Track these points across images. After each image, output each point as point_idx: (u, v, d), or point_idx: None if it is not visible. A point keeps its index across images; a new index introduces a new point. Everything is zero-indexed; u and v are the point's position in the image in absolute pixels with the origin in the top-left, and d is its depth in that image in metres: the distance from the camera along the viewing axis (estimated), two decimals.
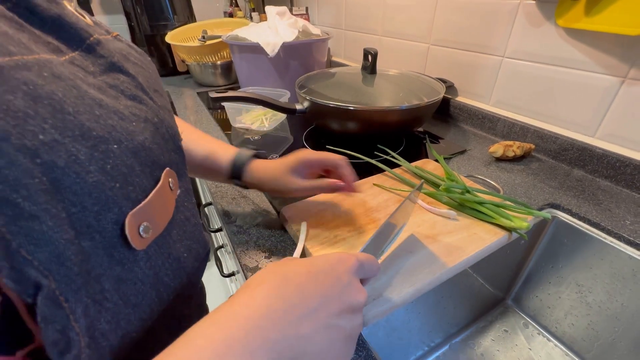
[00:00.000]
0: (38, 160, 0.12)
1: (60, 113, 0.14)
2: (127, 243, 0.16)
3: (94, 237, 0.15)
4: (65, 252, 0.13)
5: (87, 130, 0.15)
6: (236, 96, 0.61)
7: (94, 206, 0.14)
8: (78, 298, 0.14)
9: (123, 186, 0.16)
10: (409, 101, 0.63)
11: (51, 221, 0.13)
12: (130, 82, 0.20)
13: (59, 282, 0.13)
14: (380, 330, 0.46)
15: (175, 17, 1.20)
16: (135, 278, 0.17)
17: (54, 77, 0.14)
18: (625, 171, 0.53)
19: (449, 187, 0.48)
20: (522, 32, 0.64)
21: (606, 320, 0.50)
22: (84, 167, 0.14)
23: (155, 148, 0.19)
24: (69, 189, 0.14)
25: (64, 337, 0.13)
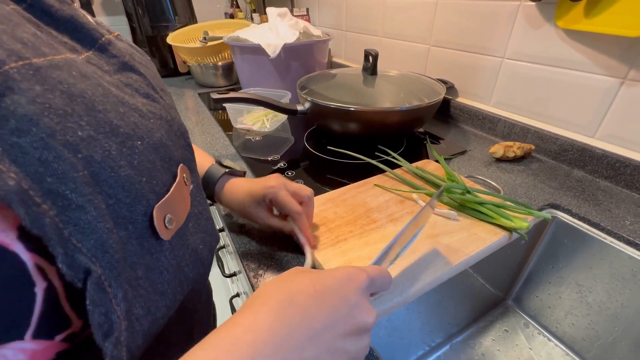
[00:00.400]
0: (79, 155, 0.13)
1: (92, 111, 0.15)
2: (155, 233, 0.17)
3: (128, 227, 0.16)
4: (108, 240, 0.14)
5: (116, 127, 0.16)
6: (238, 97, 0.61)
7: (126, 198, 0.15)
8: (119, 283, 0.14)
9: (149, 180, 0.17)
10: (409, 102, 0.63)
11: (95, 211, 0.14)
12: (142, 81, 0.21)
13: (103, 267, 0.14)
14: (381, 329, 0.46)
15: (176, 18, 1.21)
16: (162, 267, 0.18)
17: (82, 76, 0.15)
18: (625, 171, 0.53)
19: (449, 187, 0.48)
20: (522, 34, 0.64)
21: (606, 320, 0.50)
22: (117, 162, 0.15)
23: (171, 145, 0.20)
24: (106, 182, 0.14)
25: (107, 320, 0.14)
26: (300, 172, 0.61)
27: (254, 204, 0.39)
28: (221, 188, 0.41)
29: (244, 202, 0.39)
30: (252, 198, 0.39)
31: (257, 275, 0.39)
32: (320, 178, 0.59)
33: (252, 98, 0.62)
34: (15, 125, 0.11)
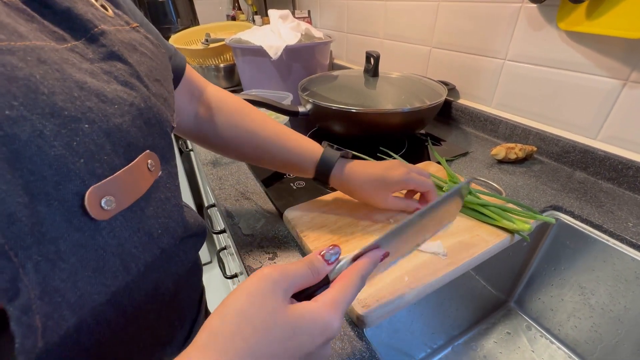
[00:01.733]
0: (0, 133, 0.14)
1: (33, 93, 0.16)
2: (87, 213, 0.18)
3: (52, 204, 0.16)
4: (16, 213, 0.15)
5: (59, 110, 0.16)
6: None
7: (53, 177, 0.16)
8: (28, 255, 0.15)
9: (88, 162, 0.17)
10: (411, 104, 0.63)
11: (5, 185, 0.14)
12: (126, 69, 0.22)
13: (8, 238, 0.14)
14: (382, 332, 0.46)
15: (178, 21, 1.22)
16: (97, 245, 0.19)
17: (38, 62, 0.16)
18: (628, 173, 0.53)
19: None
20: (524, 35, 0.64)
21: (609, 323, 0.50)
22: (48, 142, 0.16)
23: (134, 132, 0.20)
24: (29, 159, 0.15)
25: (13, 286, 0.15)
26: None
27: (381, 188, 0.41)
28: (340, 172, 0.42)
29: (369, 187, 0.42)
30: (383, 184, 0.41)
31: None
32: None
33: (254, 100, 0.62)
34: None
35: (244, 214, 0.50)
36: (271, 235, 0.46)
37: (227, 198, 0.54)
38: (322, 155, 0.43)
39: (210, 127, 0.42)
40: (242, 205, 0.52)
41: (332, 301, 0.21)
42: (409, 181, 0.41)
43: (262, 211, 0.51)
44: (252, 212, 0.50)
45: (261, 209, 0.51)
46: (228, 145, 0.44)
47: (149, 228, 0.22)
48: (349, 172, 0.42)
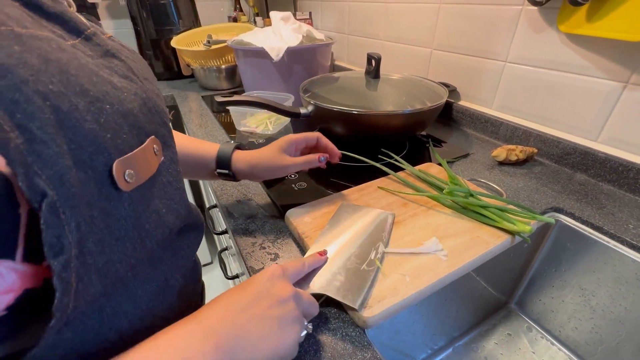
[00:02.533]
0: (48, 103, 0.16)
1: (65, 73, 0.17)
2: (114, 183, 0.19)
3: (87, 171, 0.18)
4: (66, 175, 0.16)
5: (86, 90, 0.18)
6: (241, 100, 0.62)
7: (89, 147, 0.18)
8: (73, 214, 0.17)
9: (113, 138, 0.19)
10: (412, 105, 0.63)
11: (57, 148, 0.16)
12: (123, 65, 0.24)
13: (59, 196, 0.16)
14: (383, 333, 0.46)
15: (180, 22, 1.22)
16: (119, 215, 0.20)
17: (60, 49, 0.18)
18: (628, 175, 0.53)
19: (452, 190, 0.48)
20: (524, 38, 0.64)
21: (610, 324, 0.50)
22: (82, 116, 0.18)
23: (142, 117, 0.22)
24: (70, 129, 0.17)
25: (59, 243, 0.16)
26: (303, 174, 0.61)
27: (278, 153, 0.45)
28: (238, 156, 0.45)
29: (268, 156, 0.45)
30: (275, 148, 0.45)
31: None
32: (323, 181, 0.59)
33: (256, 101, 0.62)
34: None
35: (246, 215, 0.50)
36: (273, 236, 0.46)
37: (229, 199, 0.54)
38: (220, 148, 0.45)
39: None
40: (244, 206, 0.52)
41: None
42: (297, 137, 0.46)
43: (264, 212, 0.51)
44: (254, 213, 0.50)
45: (263, 210, 0.51)
46: None
47: (156, 207, 0.24)
48: (244, 155, 0.45)
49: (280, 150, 0.45)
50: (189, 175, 0.49)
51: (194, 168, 0.47)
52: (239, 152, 0.46)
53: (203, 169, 0.47)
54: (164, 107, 0.27)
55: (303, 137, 0.47)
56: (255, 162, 0.45)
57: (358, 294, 0.34)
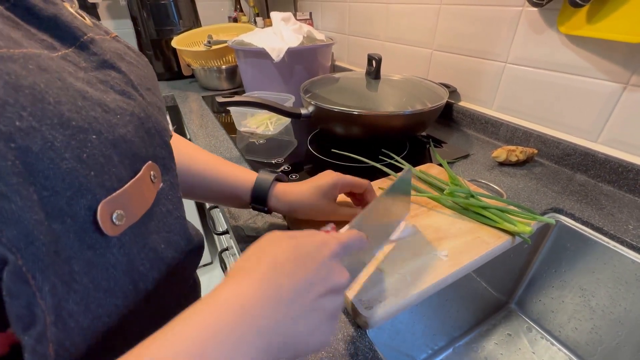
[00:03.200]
0: (12, 145, 0.13)
1: (40, 102, 0.15)
2: (99, 229, 0.17)
3: (65, 220, 0.15)
4: (34, 231, 0.14)
5: (67, 120, 0.15)
6: (242, 101, 0.62)
7: (66, 191, 0.15)
8: (45, 277, 0.14)
9: (99, 175, 0.17)
10: (412, 106, 0.64)
11: (21, 202, 0.13)
12: (121, 78, 0.21)
13: (26, 259, 0.13)
14: (384, 333, 0.47)
15: (180, 22, 1.22)
16: (107, 263, 0.18)
17: (39, 70, 0.15)
18: (628, 176, 0.54)
19: (453, 191, 0.48)
20: (525, 39, 0.65)
21: (610, 325, 0.50)
22: (59, 154, 0.15)
23: (137, 141, 0.20)
24: (42, 173, 0.14)
25: (28, 313, 0.14)
26: (304, 175, 0.61)
27: (321, 197, 0.40)
28: (277, 192, 0.41)
29: (310, 198, 0.40)
30: (318, 190, 0.40)
31: None
32: None
33: (256, 102, 0.62)
34: None
35: (247, 215, 0.50)
36: None
37: None
38: (257, 180, 0.41)
39: None
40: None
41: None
42: (343, 181, 0.41)
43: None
44: (255, 213, 0.51)
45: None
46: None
47: (153, 243, 0.22)
48: (284, 192, 0.41)
49: (323, 195, 0.41)
50: (213, 202, 0.45)
51: (223, 198, 0.43)
52: (278, 186, 0.41)
53: (234, 200, 0.42)
54: (165, 124, 0.24)
55: (350, 182, 0.42)
56: (297, 206, 0.41)
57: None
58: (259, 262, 0.21)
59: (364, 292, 0.36)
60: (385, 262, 0.40)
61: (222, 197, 0.42)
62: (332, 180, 0.41)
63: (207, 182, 0.41)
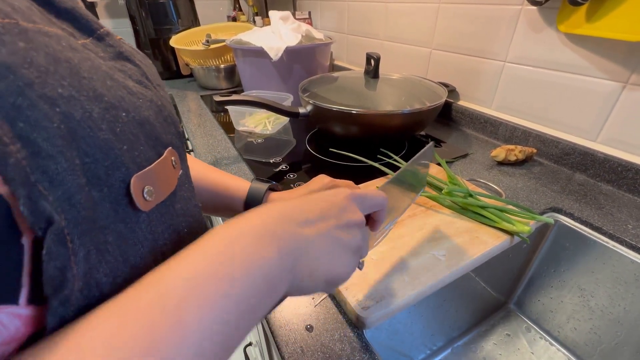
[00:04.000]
0: (57, 109, 0.14)
1: (76, 75, 0.15)
2: (132, 202, 0.17)
3: (103, 189, 0.16)
4: (76, 195, 0.14)
5: (100, 95, 0.16)
6: (240, 100, 0.62)
7: (104, 161, 0.16)
8: (82, 242, 0.14)
9: (130, 150, 0.17)
10: (411, 105, 0.63)
11: (66, 164, 0.14)
12: (137, 70, 0.21)
13: (68, 221, 0.14)
14: (382, 333, 0.46)
15: (179, 21, 1.22)
16: (136, 239, 0.18)
17: (71, 48, 0.16)
18: (627, 175, 0.53)
19: (451, 190, 0.48)
20: (524, 38, 0.64)
21: (609, 325, 0.50)
22: (97, 124, 0.15)
23: (158, 126, 0.20)
24: (83, 140, 0.15)
25: (60, 275, 0.14)
26: (302, 174, 0.61)
27: None
28: (272, 199, 0.40)
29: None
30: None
31: None
32: None
33: (255, 101, 0.62)
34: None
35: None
36: None
37: None
38: (250, 189, 0.40)
39: None
40: None
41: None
42: (334, 184, 0.40)
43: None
44: None
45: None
46: None
47: (177, 226, 0.22)
48: (285, 197, 0.40)
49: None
50: (207, 212, 0.43)
51: (214, 208, 0.41)
52: (272, 195, 0.41)
53: (226, 210, 0.41)
54: (176, 116, 0.25)
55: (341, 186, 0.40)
56: None
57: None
58: (272, 205, 0.23)
59: (361, 292, 0.36)
60: (383, 261, 0.39)
61: (213, 207, 0.41)
62: (324, 185, 0.40)
63: (200, 192, 0.39)
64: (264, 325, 0.38)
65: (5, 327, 0.13)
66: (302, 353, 0.32)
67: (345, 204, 0.25)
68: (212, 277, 0.17)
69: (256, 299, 0.18)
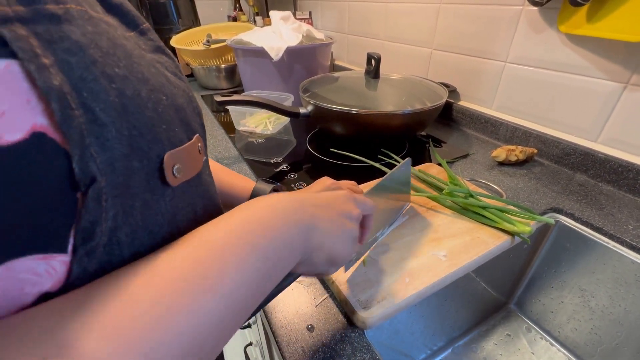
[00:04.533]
0: (114, 85, 0.16)
1: (129, 59, 0.18)
2: (163, 176, 0.19)
3: (142, 160, 0.17)
4: (119, 161, 0.16)
5: (146, 78, 0.18)
6: (241, 100, 0.62)
7: (147, 135, 0.17)
8: (114, 203, 0.16)
9: (167, 130, 0.19)
10: (412, 105, 0.63)
11: (116, 133, 0.16)
12: (172, 63, 0.24)
13: (107, 183, 0.15)
14: (383, 333, 0.46)
15: (180, 21, 1.22)
16: (158, 210, 0.20)
17: (123, 37, 0.18)
18: (628, 176, 0.53)
19: (452, 191, 0.48)
20: (525, 38, 0.64)
21: (609, 325, 0.50)
22: (144, 103, 0.17)
23: (190, 114, 0.23)
24: (132, 115, 0.17)
25: (91, 228, 0.15)
26: (303, 174, 0.61)
27: None
28: None
29: None
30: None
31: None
32: None
33: (255, 101, 0.62)
34: (67, 46, 0.14)
35: None
36: None
37: None
38: (254, 189, 0.41)
39: None
40: None
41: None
42: (337, 186, 0.39)
43: None
44: None
45: None
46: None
47: (196, 204, 0.24)
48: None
49: None
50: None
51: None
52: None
53: (227, 207, 0.42)
54: (201, 109, 0.27)
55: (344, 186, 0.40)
56: None
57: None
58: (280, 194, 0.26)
59: (362, 292, 0.36)
60: (384, 261, 0.39)
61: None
62: (327, 187, 0.39)
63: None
64: (265, 325, 0.38)
65: (57, 272, 0.15)
66: (303, 353, 0.32)
67: (346, 200, 0.29)
68: (247, 233, 0.21)
69: (279, 258, 0.22)
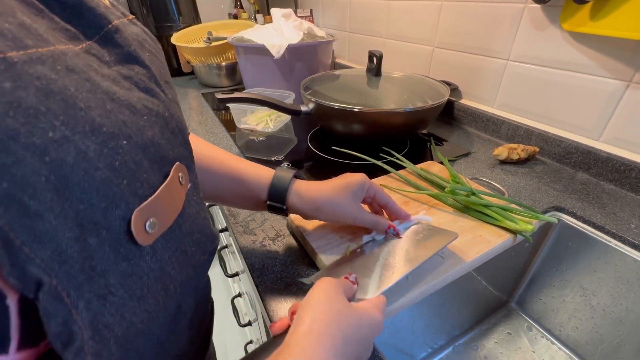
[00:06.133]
0: (46, 159, 0.12)
1: (72, 109, 0.14)
2: (133, 239, 0.16)
3: (101, 233, 0.15)
4: (68, 250, 0.13)
5: (98, 126, 0.15)
6: (242, 97, 0.62)
7: (101, 203, 0.15)
8: (80, 294, 0.14)
9: (131, 183, 0.16)
10: (413, 103, 0.63)
11: (55, 220, 0.13)
12: (145, 73, 0.20)
13: (60, 278, 0.13)
14: (384, 331, 0.46)
15: (180, 19, 1.21)
16: (141, 272, 0.17)
17: (67, 71, 0.14)
18: (630, 175, 0.53)
19: (454, 189, 0.48)
20: (527, 36, 0.64)
21: (610, 324, 0.50)
22: (93, 164, 0.14)
23: (165, 143, 0.19)
24: (77, 185, 0.14)
25: (66, 330, 0.13)
26: (304, 172, 0.61)
27: (348, 196, 0.37)
28: (298, 188, 0.38)
29: (335, 196, 0.37)
30: (345, 189, 0.37)
31: (261, 275, 0.40)
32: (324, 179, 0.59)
33: (256, 98, 0.62)
34: None
35: (246, 213, 0.50)
36: (273, 234, 0.46)
37: None
38: (275, 175, 0.38)
39: None
40: None
41: (376, 304, 0.29)
42: (370, 183, 0.39)
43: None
44: (254, 211, 0.50)
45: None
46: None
47: (184, 246, 0.21)
48: (308, 189, 0.38)
49: (352, 195, 0.37)
50: (226, 204, 0.41)
51: (235, 193, 0.39)
52: (299, 182, 0.38)
53: (249, 199, 0.39)
54: (184, 120, 0.24)
55: (376, 188, 0.40)
56: (322, 204, 0.37)
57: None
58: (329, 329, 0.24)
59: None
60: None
61: (233, 195, 0.39)
62: (361, 180, 0.38)
63: (222, 181, 0.38)
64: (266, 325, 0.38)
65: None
66: None
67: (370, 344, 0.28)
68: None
69: None
